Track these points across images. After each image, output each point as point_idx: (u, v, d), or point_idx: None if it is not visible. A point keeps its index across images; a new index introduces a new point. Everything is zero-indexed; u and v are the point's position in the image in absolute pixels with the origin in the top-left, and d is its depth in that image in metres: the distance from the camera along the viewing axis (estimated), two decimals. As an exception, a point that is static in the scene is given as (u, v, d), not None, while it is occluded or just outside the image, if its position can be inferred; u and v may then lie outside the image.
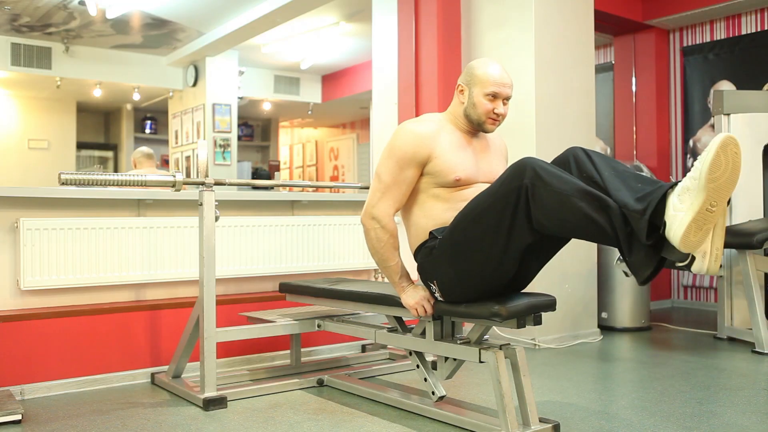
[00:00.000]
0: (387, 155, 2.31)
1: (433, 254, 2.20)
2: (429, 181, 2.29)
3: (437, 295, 2.24)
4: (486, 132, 2.37)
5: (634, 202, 1.83)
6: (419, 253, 2.31)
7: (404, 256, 2.39)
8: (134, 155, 5.01)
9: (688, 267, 1.82)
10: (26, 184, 7.54)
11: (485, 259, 2.06)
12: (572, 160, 2.04)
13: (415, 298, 2.28)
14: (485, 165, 2.38)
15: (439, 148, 2.26)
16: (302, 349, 3.31)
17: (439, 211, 2.28)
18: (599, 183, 1.94)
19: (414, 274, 2.38)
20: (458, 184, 2.27)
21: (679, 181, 1.81)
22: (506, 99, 2.31)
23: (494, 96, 2.28)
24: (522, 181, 1.93)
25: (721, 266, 3.98)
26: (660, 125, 5.60)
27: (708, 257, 1.77)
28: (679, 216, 1.75)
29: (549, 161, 2.08)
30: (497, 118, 2.31)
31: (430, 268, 2.23)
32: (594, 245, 4.09)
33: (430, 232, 2.26)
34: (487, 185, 2.33)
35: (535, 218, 1.92)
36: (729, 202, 4.04)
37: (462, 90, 2.34)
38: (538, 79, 3.85)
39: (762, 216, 4.08)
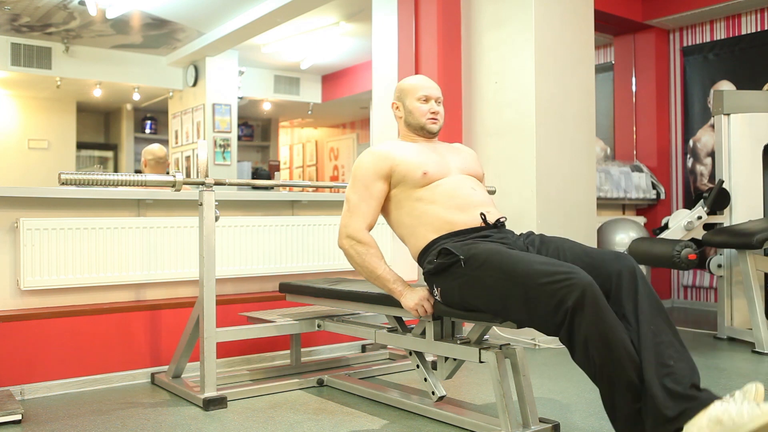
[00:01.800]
0: (352, 180, 2.43)
1: (448, 273, 2.15)
2: (403, 188, 2.36)
3: (438, 297, 2.25)
4: (431, 132, 2.48)
5: (663, 395, 1.72)
6: (426, 257, 2.29)
7: (399, 263, 2.39)
8: (145, 154, 4.35)
9: None
10: (26, 184, 7.53)
11: (496, 307, 2.05)
12: (614, 279, 1.93)
13: (414, 299, 2.28)
14: (455, 160, 2.46)
15: (399, 158, 2.39)
16: (302, 349, 3.31)
17: (434, 213, 2.29)
18: (633, 331, 1.84)
19: (405, 277, 2.38)
20: (430, 179, 2.33)
21: (716, 398, 1.71)
22: (437, 100, 2.50)
23: (426, 99, 2.48)
24: (569, 296, 1.81)
25: (720, 266, 4.02)
26: (660, 125, 5.60)
27: None
28: None
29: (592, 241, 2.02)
30: (435, 116, 2.48)
31: (439, 280, 2.20)
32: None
33: (444, 248, 2.17)
34: (468, 177, 2.41)
35: (564, 335, 1.86)
36: (729, 206, 4.05)
37: (397, 107, 2.54)
38: (538, 79, 3.85)
39: (762, 216, 4.08)
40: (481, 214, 2.27)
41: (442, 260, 2.15)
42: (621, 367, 1.78)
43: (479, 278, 2.05)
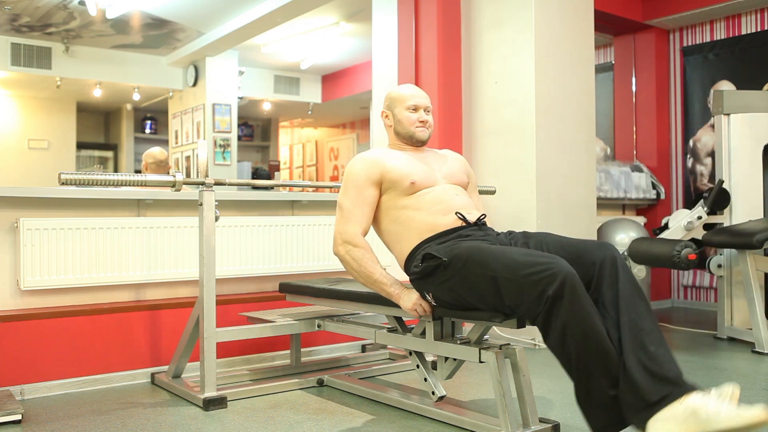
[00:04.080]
0: (344, 186, 2.45)
1: (435, 276, 2.17)
2: (392, 195, 2.39)
3: (433, 303, 2.26)
4: (420, 140, 2.51)
5: (645, 380, 1.75)
6: (411, 263, 2.31)
7: (394, 265, 2.39)
8: (146, 158, 4.38)
9: None
10: (26, 184, 7.54)
11: (486, 302, 2.07)
12: (596, 268, 1.96)
13: (412, 299, 2.29)
14: (442, 168, 2.50)
15: (389, 165, 2.41)
16: (302, 349, 3.31)
17: (419, 219, 2.33)
18: (612, 319, 1.87)
19: (401, 279, 2.39)
20: (417, 188, 2.36)
21: (696, 388, 1.73)
22: (426, 109, 2.53)
23: (414, 108, 2.51)
24: (550, 286, 1.84)
25: (720, 266, 4.02)
26: (660, 125, 5.60)
27: None
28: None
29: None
30: (424, 125, 2.51)
31: (428, 284, 2.23)
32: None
33: (426, 254, 2.21)
34: (453, 186, 2.44)
35: (540, 321, 1.89)
36: (729, 206, 4.05)
37: (387, 115, 2.58)
38: (538, 79, 3.85)
39: (762, 216, 4.08)
40: (457, 213, 2.31)
41: (427, 264, 2.18)
42: (598, 354, 1.81)
43: (464, 277, 2.09)
